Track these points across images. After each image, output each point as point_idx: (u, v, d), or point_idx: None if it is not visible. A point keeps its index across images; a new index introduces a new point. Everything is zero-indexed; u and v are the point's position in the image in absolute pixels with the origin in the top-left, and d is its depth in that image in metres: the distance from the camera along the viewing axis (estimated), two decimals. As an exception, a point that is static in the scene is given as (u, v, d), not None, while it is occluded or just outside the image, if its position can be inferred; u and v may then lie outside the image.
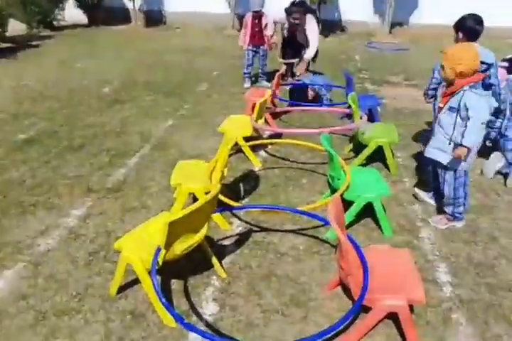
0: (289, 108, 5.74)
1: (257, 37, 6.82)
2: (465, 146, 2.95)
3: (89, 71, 7.83)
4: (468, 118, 2.93)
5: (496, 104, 3.10)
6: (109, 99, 6.27)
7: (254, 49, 6.91)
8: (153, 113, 5.79)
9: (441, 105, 3.13)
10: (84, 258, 2.94)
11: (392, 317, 2.35)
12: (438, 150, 3.20)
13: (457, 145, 3.00)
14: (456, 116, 2.99)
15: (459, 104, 2.95)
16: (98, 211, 3.50)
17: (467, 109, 2.92)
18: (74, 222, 3.37)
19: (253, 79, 7.26)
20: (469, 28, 4.36)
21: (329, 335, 2.14)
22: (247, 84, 7.11)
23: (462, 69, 2.88)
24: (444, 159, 3.17)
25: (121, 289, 2.64)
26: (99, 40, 10.66)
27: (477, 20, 4.31)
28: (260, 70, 7.19)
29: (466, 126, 2.94)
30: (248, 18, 6.72)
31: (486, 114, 2.96)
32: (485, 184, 4.07)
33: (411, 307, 2.39)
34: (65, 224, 3.34)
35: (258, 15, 6.68)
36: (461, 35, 4.39)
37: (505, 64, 5.44)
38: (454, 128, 3.02)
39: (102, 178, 4.02)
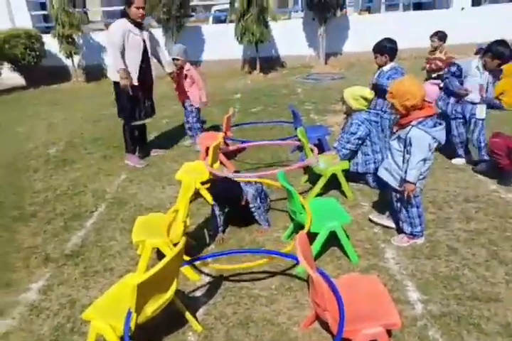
0: (242, 145, 5.85)
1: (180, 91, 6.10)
2: (409, 181, 3.14)
3: (33, 134, 7.67)
4: (410, 154, 3.11)
5: (443, 140, 3.19)
6: (56, 161, 6.14)
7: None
8: (105, 169, 5.71)
9: (394, 131, 3.32)
10: (49, 335, 2.78)
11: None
12: (388, 173, 3.36)
13: (404, 180, 3.19)
14: (404, 148, 3.19)
15: (406, 138, 3.14)
16: (59, 281, 3.35)
17: (411, 144, 3.10)
18: (34, 296, 3.20)
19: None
20: (390, 48, 4.76)
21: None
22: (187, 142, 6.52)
23: (411, 104, 3.06)
24: (393, 182, 3.33)
25: (95, 361, 2.52)
26: (40, 101, 10.53)
27: (393, 41, 4.74)
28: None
29: (408, 162, 3.13)
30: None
31: (425, 152, 3.11)
32: (438, 197, 4.25)
33: (388, 332, 2.42)
34: (25, 300, 3.16)
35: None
36: (386, 57, 4.75)
37: (437, 81, 5.85)
38: (403, 159, 3.21)
39: (59, 245, 3.88)
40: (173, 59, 5.83)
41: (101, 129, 7.63)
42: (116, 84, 5.33)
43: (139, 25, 5.25)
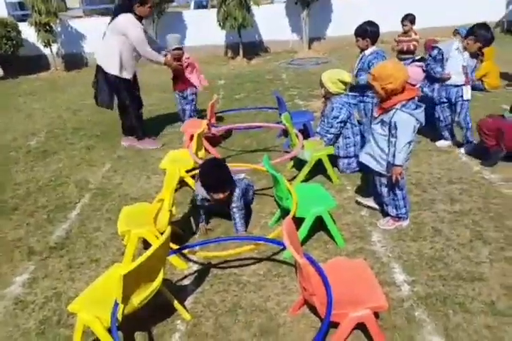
0: (227, 127, 5.84)
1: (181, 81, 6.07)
2: (398, 165, 3.13)
3: (11, 125, 7.49)
4: (396, 137, 3.10)
5: (423, 121, 3.19)
6: (37, 152, 6.02)
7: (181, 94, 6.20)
8: (88, 159, 5.62)
9: (376, 115, 3.29)
10: (35, 328, 2.75)
11: (360, 326, 2.39)
12: (370, 157, 3.36)
13: (391, 164, 3.18)
14: (389, 132, 3.16)
15: (390, 122, 3.12)
16: (44, 273, 3.30)
17: (396, 128, 3.09)
18: (18, 289, 3.15)
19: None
20: (372, 32, 4.73)
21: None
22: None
23: (393, 88, 3.04)
24: (376, 167, 3.33)
25: (83, 353, 2.50)
26: (18, 91, 10.27)
27: (375, 25, 4.71)
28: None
29: (395, 146, 3.12)
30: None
31: (410, 135, 3.11)
32: (422, 179, 4.28)
33: (376, 314, 2.45)
34: (9, 294, 3.11)
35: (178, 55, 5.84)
36: (367, 40, 4.72)
37: (421, 64, 5.85)
38: (388, 143, 3.19)
39: (42, 238, 3.82)
40: (174, 49, 5.82)
41: (82, 119, 7.49)
42: (116, 78, 5.42)
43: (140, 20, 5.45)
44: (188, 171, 4.27)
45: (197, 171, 4.10)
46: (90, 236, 3.78)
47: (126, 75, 5.50)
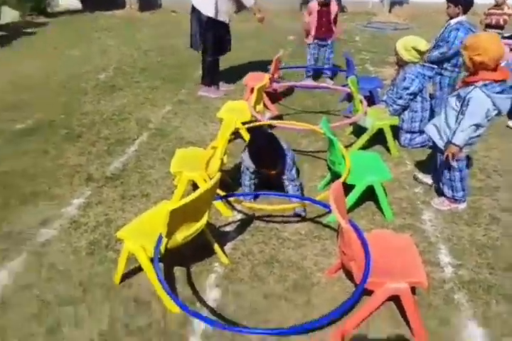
0: (289, 84, 5.73)
1: (325, 29, 5.97)
2: (455, 144, 2.94)
3: (84, 58, 7.74)
4: (464, 115, 2.90)
5: (506, 110, 2.95)
6: (105, 86, 6.21)
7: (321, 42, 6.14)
8: (151, 99, 5.74)
9: (457, 87, 3.09)
10: (86, 248, 2.95)
11: (395, 300, 2.36)
12: (436, 130, 3.19)
13: (449, 141, 3.00)
14: (461, 107, 2.96)
15: (465, 98, 2.91)
16: (98, 200, 3.49)
17: (467, 105, 2.88)
18: (74, 211, 3.36)
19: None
20: (467, 1, 4.35)
21: (334, 317, 2.16)
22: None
23: (481, 60, 2.81)
24: (438, 141, 3.16)
25: (125, 277, 2.65)
26: (94, 26, 10.50)
27: None
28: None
29: (459, 123, 2.93)
30: (314, 5, 5.85)
31: (480, 117, 2.90)
32: (488, 165, 4.04)
33: (413, 290, 2.40)
34: (66, 214, 3.33)
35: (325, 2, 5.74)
36: (459, 8, 4.36)
37: (509, 41, 5.38)
38: (456, 119, 3.00)
39: (100, 167, 4.00)
40: None
41: (151, 60, 7.59)
42: (209, 19, 5.39)
43: None
44: (244, 123, 4.25)
45: (252, 124, 4.08)
46: (144, 172, 3.92)
47: (221, 18, 5.47)
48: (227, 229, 3.18)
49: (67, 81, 6.46)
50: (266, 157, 3.06)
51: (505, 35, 6.43)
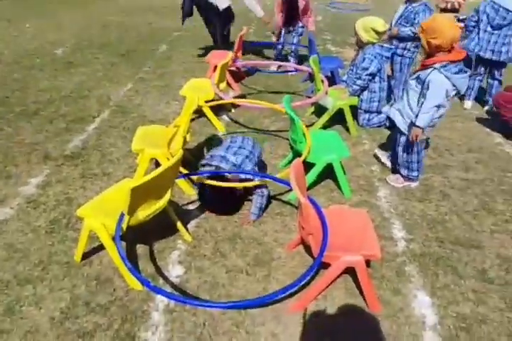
0: (253, 62, 5.74)
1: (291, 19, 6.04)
2: (419, 126, 3.06)
3: (40, 32, 7.39)
4: (425, 98, 2.99)
5: (463, 89, 3.05)
6: (63, 62, 5.98)
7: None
8: (111, 76, 5.58)
9: (417, 70, 3.15)
10: (45, 227, 2.91)
11: (350, 272, 2.48)
12: (398, 113, 3.28)
13: (413, 124, 3.10)
14: (421, 89, 3.04)
15: (424, 80, 2.99)
16: (57, 179, 3.42)
17: (428, 88, 2.97)
18: (32, 190, 3.29)
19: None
20: None
21: (292, 290, 2.24)
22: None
23: (437, 43, 2.88)
24: (400, 124, 3.26)
25: (86, 256, 2.65)
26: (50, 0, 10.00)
27: None
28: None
29: (421, 106, 3.02)
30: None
31: (440, 98, 2.97)
32: (441, 144, 4.22)
33: (367, 263, 2.53)
34: (24, 192, 3.26)
35: None
36: None
37: (461, 24, 5.54)
38: (418, 102, 3.09)
39: (59, 145, 3.90)
40: None
41: (110, 35, 7.34)
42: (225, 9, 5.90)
43: None
44: (207, 102, 4.24)
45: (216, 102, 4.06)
46: (106, 150, 3.86)
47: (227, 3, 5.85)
48: (191, 207, 3.20)
49: (21, 56, 6.18)
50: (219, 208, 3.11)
51: (461, 17, 6.62)
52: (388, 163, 3.77)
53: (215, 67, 4.69)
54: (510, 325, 2.31)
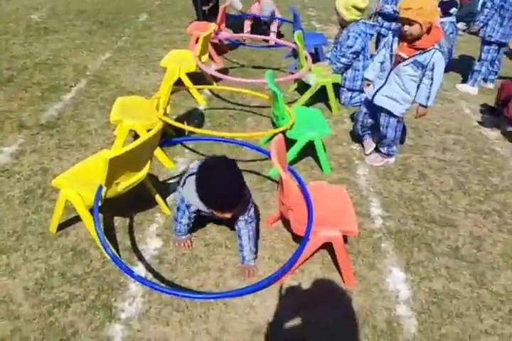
0: (236, 35, 5.63)
1: None
2: (427, 106, 3.06)
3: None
4: (432, 79, 2.96)
5: None
6: (38, 28, 5.73)
7: None
8: (88, 44, 5.39)
9: (405, 55, 2.99)
10: (19, 197, 2.83)
11: (328, 247, 2.52)
12: (391, 100, 3.20)
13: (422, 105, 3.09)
14: (424, 74, 2.99)
15: (428, 63, 2.92)
16: (32, 148, 3.32)
17: (432, 69, 2.93)
18: (6, 159, 3.19)
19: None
20: None
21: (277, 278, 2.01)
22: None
23: (433, 21, 2.80)
24: (396, 109, 3.22)
25: (62, 227, 2.61)
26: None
27: None
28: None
29: (430, 87, 2.99)
30: None
31: (442, 76, 2.98)
32: (420, 124, 4.26)
33: (345, 238, 2.56)
34: (-4, 161, 3.16)
35: None
36: None
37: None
38: (418, 86, 3.05)
39: (34, 114, 3.77)
40: None
41: (88, 2, 7.04)
42: None
43: None
44: (188, 74, 4.14)
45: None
46: (83, 121, 3.75)
47: None
48: (170, 181, 3.17)
49: (-7, 19, 5.89)
50: (224, 198, 2.03)
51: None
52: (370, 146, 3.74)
53: (197, 39, 4.57)
54: (479, 301, 2.40)
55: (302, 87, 4.50)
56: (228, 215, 2.12)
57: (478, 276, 2.56)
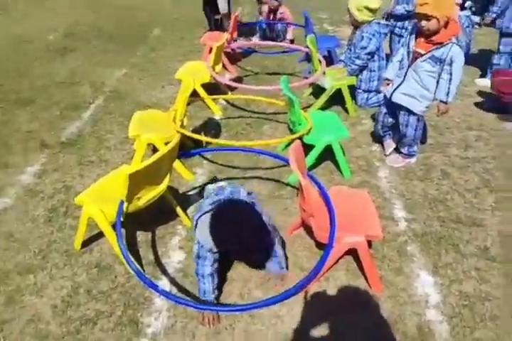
0: (248, 43, 5.66)
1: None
2: (447, 102, 2.99)
3: (31, 17, 7.25)
4: (451, 74, 2.90)
5: None
6: (56, 48, 5.88)
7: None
8: (105, 62, 5.49)
9: (422, 51, 2.95)
10: (43, 215, 2.89)
11: (352, 253, 2.47)
12: (409, 97, 3.15)
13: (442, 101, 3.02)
14: (442, 69, 2.93)
15: (446, 58, 2.87)
16: (54, 167, 3.39)
17: (451, 64, 2.88)
18: (30, 179, 3.26)
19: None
20: None
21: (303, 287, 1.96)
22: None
23: (449, 15, 2.74)
24: (415, 107, 3.16)
25: (86, 243, 2.64)
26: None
27: None
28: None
29: (450, 82, 2.92)
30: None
31: (462, 70, 2.91)
32: (441, 122, 4.17)
33: (369, 243, 2.52)
34: (21, 182, 3.23)
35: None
36: None
37: (459, 0, 5.42)
38: (437, 81, 2.99)
39: (55, 133, 3.86)
40: None
41: (102, 20, 7.20)
42: None
43: None
44: (203, 84, 4.16)
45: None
46: (102, 137, 3.81)
47: None
48: (190, 192, 3.18)
49: (14, 42, 6.08)
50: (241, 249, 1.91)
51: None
52: (394, 146, 3.68)
53: (211, 49, 4.60)
54: (512, 302, 2.32)
55: (317, 90, 4.47)
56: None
57: (510, 276, 2.47)
